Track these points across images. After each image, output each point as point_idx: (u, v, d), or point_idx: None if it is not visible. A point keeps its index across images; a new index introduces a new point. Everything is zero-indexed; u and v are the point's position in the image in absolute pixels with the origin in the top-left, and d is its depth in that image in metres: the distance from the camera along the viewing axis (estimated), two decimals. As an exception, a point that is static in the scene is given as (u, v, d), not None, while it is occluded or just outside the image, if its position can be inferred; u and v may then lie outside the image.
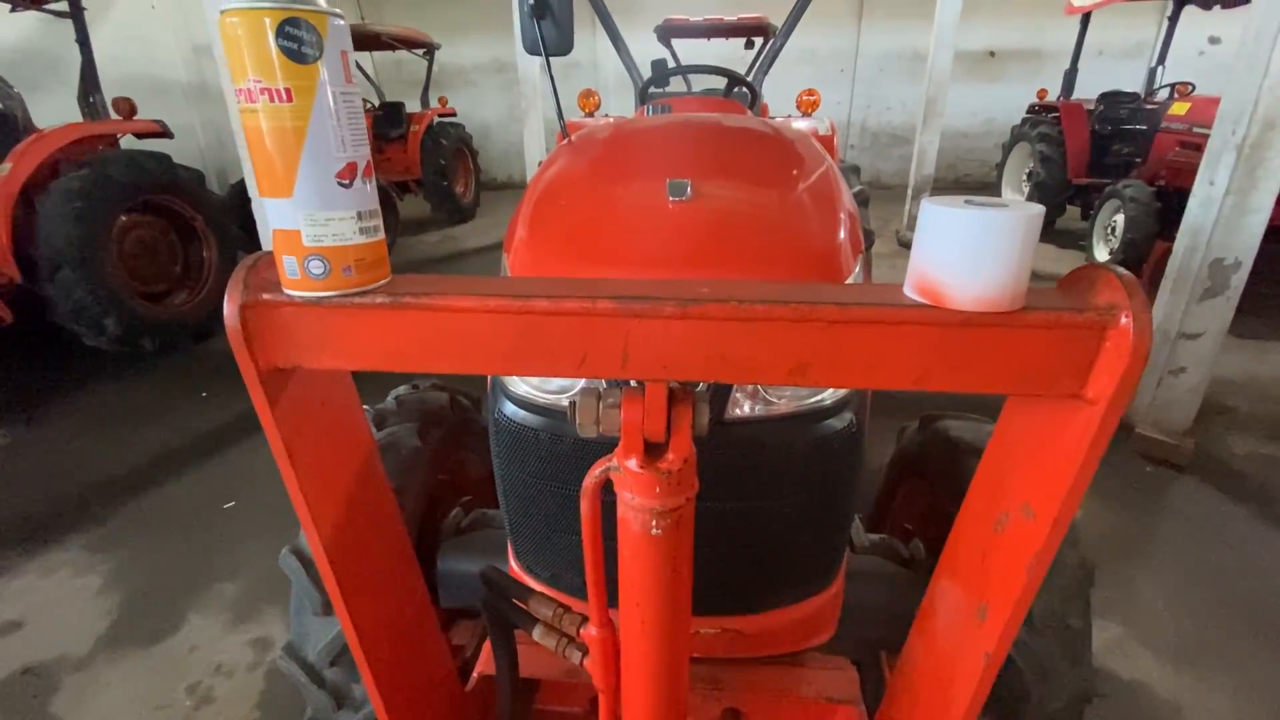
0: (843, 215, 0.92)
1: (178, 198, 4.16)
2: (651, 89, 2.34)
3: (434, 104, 8.21)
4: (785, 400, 0.80)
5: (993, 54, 9.94)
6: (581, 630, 0.65)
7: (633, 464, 0.52)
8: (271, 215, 0.42)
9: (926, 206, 0.41)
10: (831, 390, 0.81)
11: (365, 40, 7.06)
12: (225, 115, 7.91)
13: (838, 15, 9.74)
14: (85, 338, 3.76)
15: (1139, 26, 9.12)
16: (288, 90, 0.39)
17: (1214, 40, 8.26)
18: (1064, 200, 6.79)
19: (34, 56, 5.49)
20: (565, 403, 0.84)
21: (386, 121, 7.68)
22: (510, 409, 0.87)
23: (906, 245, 6.86)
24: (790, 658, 1.02)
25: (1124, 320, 0.40)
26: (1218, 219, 2.65)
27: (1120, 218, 5.37)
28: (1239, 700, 1.80)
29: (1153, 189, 5.24)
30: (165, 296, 4.27)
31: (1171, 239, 2.94)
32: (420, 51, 7.79)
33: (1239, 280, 2.74)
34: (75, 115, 4.11)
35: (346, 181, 0.42)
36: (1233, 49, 2.62)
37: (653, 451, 0.52)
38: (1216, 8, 6.00)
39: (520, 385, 0.86)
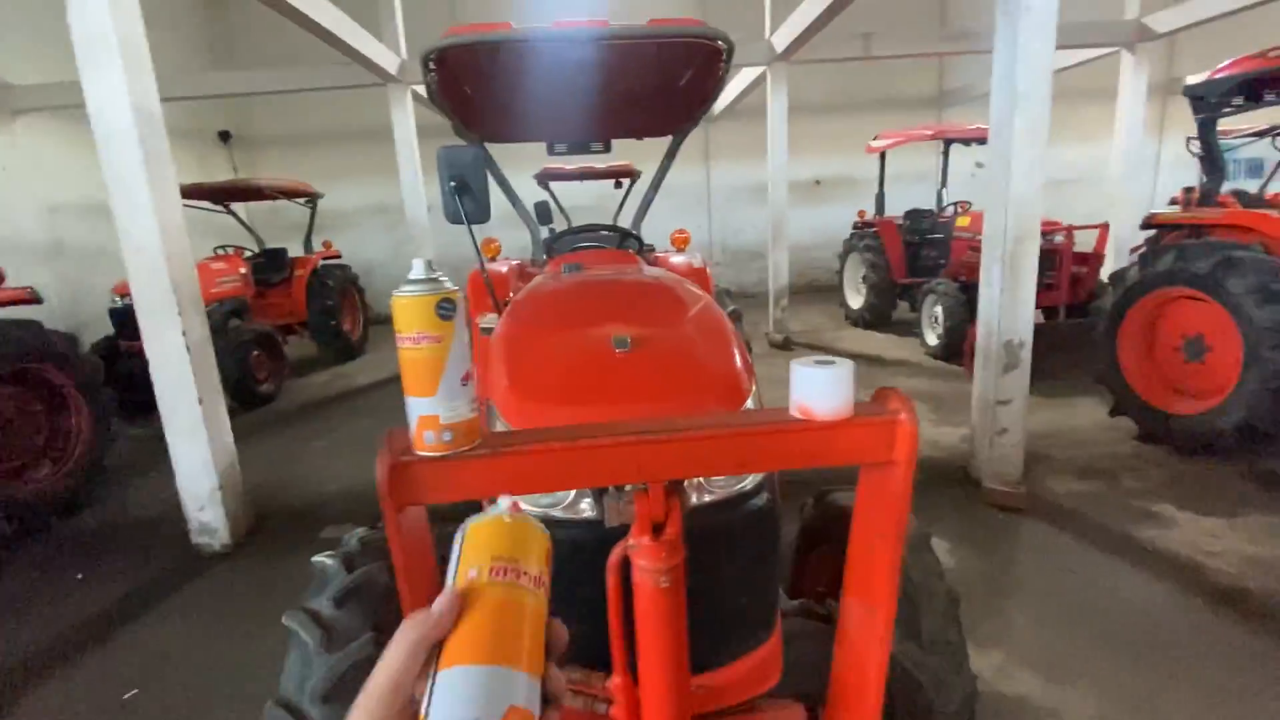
0: (736, 349, 1.29)
1: (49, 365, 3.94)
2: (556, 245, 2.77)
3: (318, 247, 8.31)
4: (720, 490, 1.09)
5: (818, 182, 11.84)
6: (607, 683, 0.86)
7: (645, 540, 0.77)
8: (418, 407, 0.67)
9: (795, 366, 0.75)
10: (751, 478, 1.12)
11: (248, 193, 7.18)
12: (84, 273, 7.54)
13: (689, 157, 11.27)
14: (-72, 530, 3.33)
15: (924, 159, 11.38)
16: (438, 336, 0.66)
17: (979, 165, 10.49)
18: (894, 297, 8.05)
19: None
20: (556, 513, 1.08)
21: (268, 267, 7.66)
22: (516, 526, 1.08)
23: (776, 345, 7.72)
24: (747, 707, 1.24)
25: (903, 417, 0.74)
26: (1000, 311, 3.44)
27: (939, 309, 6.50)
28: (1104, 701, 2.18)
29: (958, 284, 6.44)
30: (22, 472, 3.90)
31: (983, 324, 3.72)
32: (303, 200, 7.99)
33: (1026, 354, 3.51)
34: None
35: (466, 383, 0.69)
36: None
37: (656, 530, 0.78)
38: (975, 144, 7.75)
39: (529, 506, 1.09)
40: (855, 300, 8.63)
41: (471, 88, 2.62)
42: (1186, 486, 3.64)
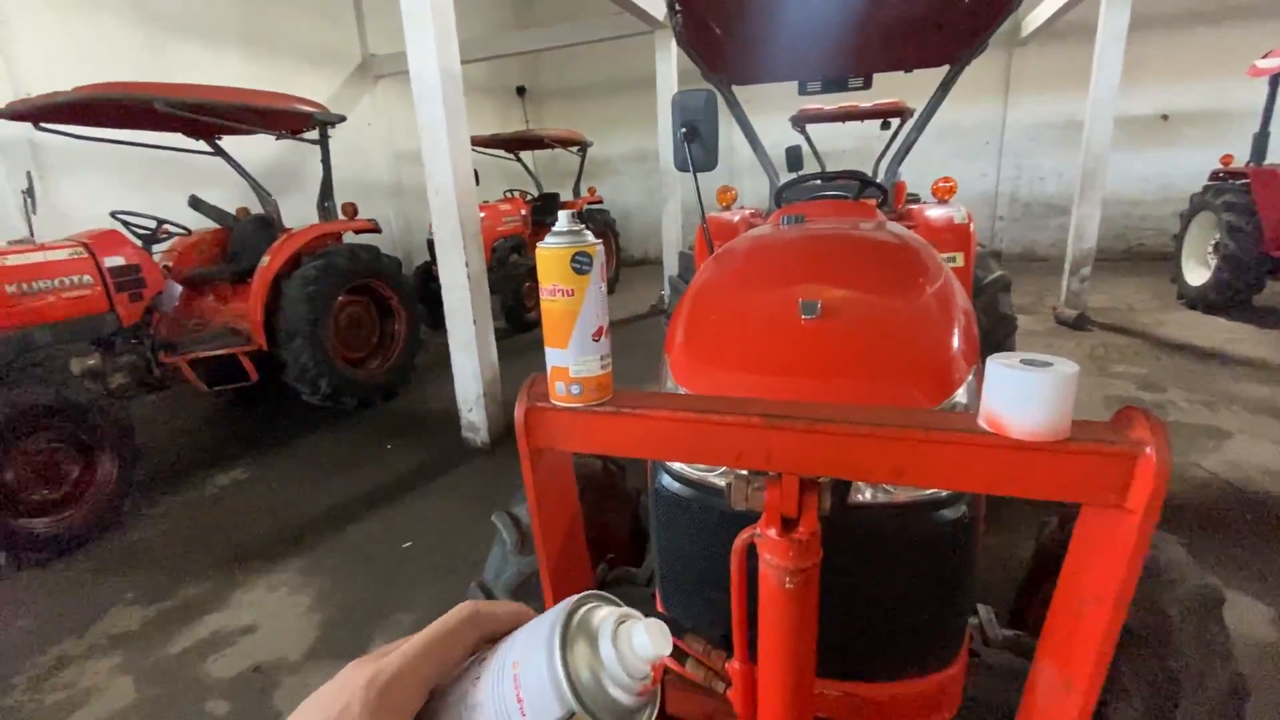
0: (956, 328, 1.06)
1: (381, 281, 5.06)
2: (785, 195, 2.59)
3: (584, 193, 9.17)
4: (901, 492, 0.93)
5: (1165, 118, 9.21)
6: (726, 664, 0.82)
7: (772, 533, 0.69)
8: (552, 357, 0.69)
9: (991, 364, 0.57)
10: (944, 484, 0.94)
11: (530, 142, 8.15)
12: (416, 209, 9.40)
13: (982, 89, 9.60)
14: (304, 394, 4.61)
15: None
16: (571, 289, 0.65)
17: None
18: (1261, 275, 6.03)
19: (278, 169, 6.94)
20: (713, 479, 1.04)
21: (544, 210, 8.68)
22: (668, 480, 1.08)
23: (1064, 323, 6.39)
24: (913, 735, 1.09)
25: (1149, 452, 0.52)
26: None
27: (1335, 295, 4.69)
28: None
29: (1377, 263, 4.56)
30: (363, 362, 5.13)
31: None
32: (575, 149, 8.80)
33: None
34: (309, 215, 5.18)
35: (597, 339, 0.68)
36: None
37: (788, 525, 0.70)
38: None
39: (676, 463, 1.07)
40: (1198, 275, 6.68)
41: (719, 25, 2.53)
42: None
